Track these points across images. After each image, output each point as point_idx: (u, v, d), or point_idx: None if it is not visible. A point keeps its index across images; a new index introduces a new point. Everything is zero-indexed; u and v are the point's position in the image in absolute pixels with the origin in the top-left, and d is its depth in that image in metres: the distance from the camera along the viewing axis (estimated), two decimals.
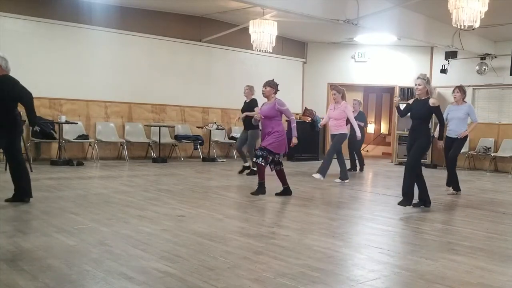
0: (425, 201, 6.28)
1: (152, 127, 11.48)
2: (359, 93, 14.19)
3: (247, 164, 9.39)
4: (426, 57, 13.96)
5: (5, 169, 8.32)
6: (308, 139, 11.62)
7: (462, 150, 12.77)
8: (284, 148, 6.70)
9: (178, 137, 11.78)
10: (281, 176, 6.84)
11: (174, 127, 11.88)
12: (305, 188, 7.79)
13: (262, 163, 6.59)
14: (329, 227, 4.96)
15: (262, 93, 6.85)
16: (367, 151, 16.29)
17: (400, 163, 13.40)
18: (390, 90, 15.28)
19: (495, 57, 12.67)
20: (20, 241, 3.89)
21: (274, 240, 4.27)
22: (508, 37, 12.16)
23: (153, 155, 11.39)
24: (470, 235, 4.79)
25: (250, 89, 9.60)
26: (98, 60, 10.86)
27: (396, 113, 7.85)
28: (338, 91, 8.59)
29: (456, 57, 13.29)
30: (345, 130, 8.64)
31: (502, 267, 3.71)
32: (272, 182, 7.14)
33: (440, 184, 9.32)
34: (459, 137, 7.60)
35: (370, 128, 19.01)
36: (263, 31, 10.31)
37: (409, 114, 6.34)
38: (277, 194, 6.77)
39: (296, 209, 6.03)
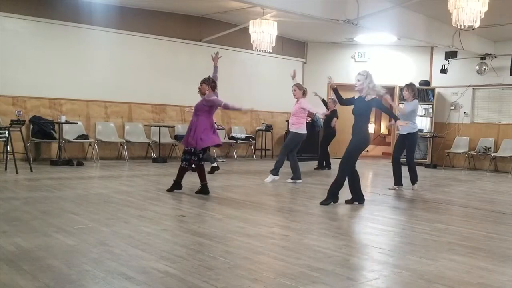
0: (358, 199, 6.27)
1: (152, 127, 11.48)
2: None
3: (215, 165, 9.19)
4: (426, 57, 13.97)
5: (5, 169, 8.34)
6: (308, 139, 11.59)
7: (462, 150, 12.91)
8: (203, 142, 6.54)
9: (178, 137, 11.77)
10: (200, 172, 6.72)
11: (174, 127, 11.88)
12: (304, 188, 7.79)
13: (186, 166, 6.61)
14: (329, 227, 4.96)
15: (199, 90, 6.83)
16: (367, 151, 16.27)
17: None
18: (390, 90, 15.26)
19: (495, 57, 12.68)
20: (20, 241, 3.88)
21: (274, 240, 4.26)
22: (508, 37, 12.16)
23: (153, 155, 11.39)
24: (470, 235, 4.79)
25: None
26: (98, 60, 10.86)
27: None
28: (299, 87, 8.26)
29: (456, 57, 13.29)
30: (302, 129, 8.21)
31: (502, 267, 3.71)
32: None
33: (440, 184, 9.33)
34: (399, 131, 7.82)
35: (370, 128, 19.03)
36: (263, 31, 10.32)
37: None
38: (197, 192, 6.63)
39: (296, 209, 6.03)
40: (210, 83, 6.78)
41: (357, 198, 6.31)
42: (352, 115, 6.22)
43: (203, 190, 6.60)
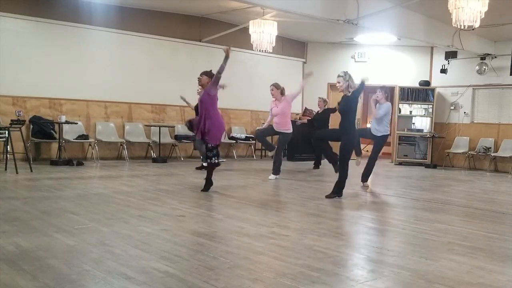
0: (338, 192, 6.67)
1: (152, 127, 11.48)
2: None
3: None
4: (426, 57, 13.97)
5: (5, 169, 8.34)
6: (308, 139, 11.62)
7: (462, 150, 12.92)
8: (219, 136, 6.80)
9: (178, 137, 11.78)
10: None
11: (174, 127, 11.88)
12: (304, 188, 7.79)
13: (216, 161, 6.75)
14: (329, 227, 4.96)
15: (198, 80, 6.79)
16: (367, 151, 16.26)
17: (400, 163, 13.42)
18: (390, 90, 15.28)
19: (495, 57, 12.68)
20: (20, 241, 3.88)
21: (274, 240, 4.26)
22: (508, 37, 12.16)
23: (153, 155, 11.39)
24: (470, 235, 4.79)
25: None
26: (98, 60, 10.86)
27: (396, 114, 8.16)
28: (277, 86, 8.68)
29: (456, 57, 13.29)
30: (290, 129, 8.69)
31: (502, 267, 3.71)
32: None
33: (440, 184, 9.33)
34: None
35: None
36: (263, 31, 10.32)
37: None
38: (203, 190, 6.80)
39: (296, 209, 6.03)
40: (211, 76, 6.72)
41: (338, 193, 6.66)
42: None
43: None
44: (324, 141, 8.09)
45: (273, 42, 10.47)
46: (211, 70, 6.86)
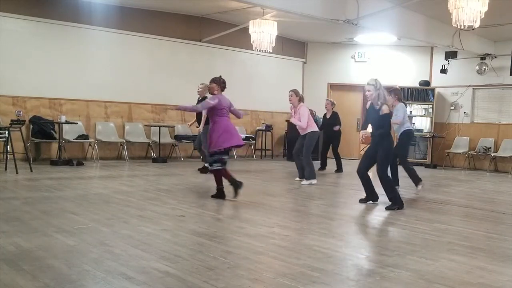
0: (372, 197, 6.46)
1: (152, 127, 11.48)
2: (359, 93, 14.15)
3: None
4: (426, 57, 13.97)
5: (5, 169, 8.34)
6: None
7: (462, 150, 12.92)
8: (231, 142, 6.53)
9: (178, 137, 11.78)
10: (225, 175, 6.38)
11: (174, 127, 11.89)
12: (304, 189, 7.79)
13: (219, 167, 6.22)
14: (329, 227, 4.96)
15: (208, 90, 6.55)
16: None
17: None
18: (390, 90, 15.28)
19: (495, 57, 12.68)
20: (20, 241, 3.88)
21: (274, 240, 4.26)
22: (508, 37, 12.16)
23: (153, 155, 11.39)
24: (470, 235, 4.79)
25: (204, 87, 9.30)
26: (98, 60, 10.86)
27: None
28: (296, 93, 8.41)
29: (456, 57, 13.29)
30: (314, 128, 8.31)
31: (502, 267, 3.71)
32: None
33: (440, 184, 9.33)
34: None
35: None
36: (263, 31, 10.33)
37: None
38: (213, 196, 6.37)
39: (296, 209, 6.03)
40: (220, 83, 6.45)
41: (372, 197, 6.45)
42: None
43: (220, 195, 6.34)
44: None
45: (273, 42, 10.47)
46: (220, 76, 6.50)
